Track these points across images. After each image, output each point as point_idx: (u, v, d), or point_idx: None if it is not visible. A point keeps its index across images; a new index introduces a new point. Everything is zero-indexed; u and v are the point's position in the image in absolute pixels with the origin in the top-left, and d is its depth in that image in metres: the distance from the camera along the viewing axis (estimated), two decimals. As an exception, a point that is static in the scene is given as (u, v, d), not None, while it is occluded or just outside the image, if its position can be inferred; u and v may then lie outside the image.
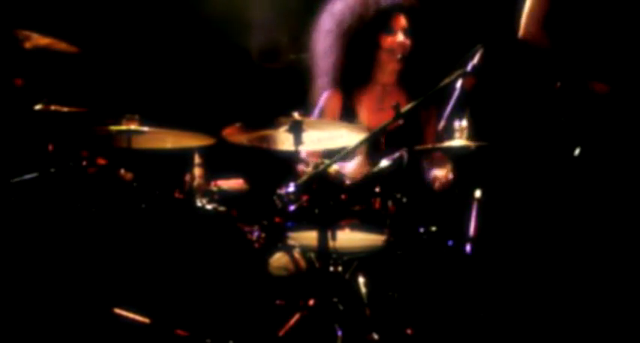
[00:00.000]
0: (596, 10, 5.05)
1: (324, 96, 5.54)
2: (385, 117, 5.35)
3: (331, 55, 5.51)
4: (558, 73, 5.12)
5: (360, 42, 5.44)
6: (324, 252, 4.57)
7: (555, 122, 5.14)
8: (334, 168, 4.67)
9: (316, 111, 5.51)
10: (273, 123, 4.74)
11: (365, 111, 5.52)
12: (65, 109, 5.06)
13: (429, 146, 5.29)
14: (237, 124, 4.79)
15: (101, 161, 4.97)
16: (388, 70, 5.50)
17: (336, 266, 4.74)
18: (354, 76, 5.51)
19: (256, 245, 4.79)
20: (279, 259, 4.85)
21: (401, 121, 4.61)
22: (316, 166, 4.65)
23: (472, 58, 4.63)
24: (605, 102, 5.03)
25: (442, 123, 4.81)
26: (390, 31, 5.45)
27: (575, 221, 5.08)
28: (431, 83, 5.36)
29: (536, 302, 5.20)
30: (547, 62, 5.13)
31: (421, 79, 5.47)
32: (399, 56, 5.43)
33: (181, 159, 5.11)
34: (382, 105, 5.52)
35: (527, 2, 5.16)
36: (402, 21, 5.46)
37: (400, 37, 5.45)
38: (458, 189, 5.10)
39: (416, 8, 5.47)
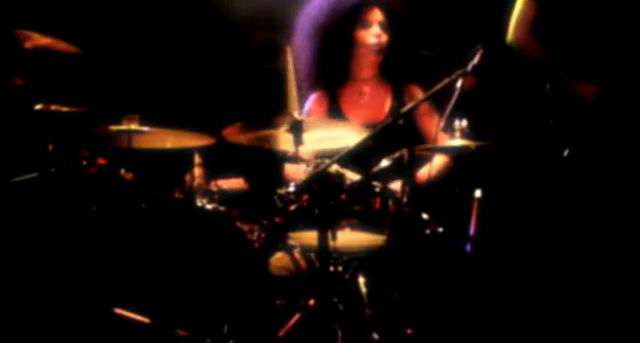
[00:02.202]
0: (585, 16, 5.07)
1: (310, 100, 5.53)
2: (370, 113, 5.38)
3: (309, 53, 5.50)
4: (547, 76, 5.13)
5: (335, 38, 5.44)
6: (324, 252, 4.57)
7: (544, 124, 5.15)
8: (334, 168, 4.67)
9: (303, 114, 5.45)
10: (273, 123, 4.74)
11: (350, 108, 5.51)
12: (65, 109, 5.06)
13: (430, 146, 5.30)
14: (238, 124, 4.79)
15: (101, 161, 4.97)
16: (366, 65, 5.49)
17: (336, 266, 4.74)
18: (333, 73, 5.50)
19: (256, 245, 4.79)
20: (279, 259, 4.85)
21: (401, 121, 4.61)
22: (316, 166, 4.66)
23: (472, 58, 4.63)
24: (593, 105, 5.04)
25: (442, 123, 4.80)
26: (365, 26, 5.44)
27: (573, 221, 5.09)
28: (413, 75, 5.41)
29: (536, 302, 5.20)
30: (536, 65, 5.14)
31: (402, 72, 5.48)
32: (375, 50, 5.43)
33: (181, 159, 5.11)
34: (365, 100, 5.53)
35: (516, 8, 5.17)
36: (377, 14, 5.44)
37: (375, 30, 5.43)
38: (458, 189, 5.10)
39: (389, 2, 5.47)
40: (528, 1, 5.14)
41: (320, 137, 4.86)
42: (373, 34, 5.42)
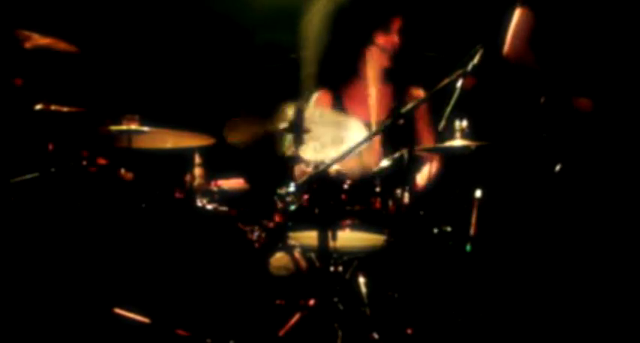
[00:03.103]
0: (584, 28, 5.06)
1: (314, 97, 5.54)
2: (375, 113, 5.39)
3: (322, 45, 5.50)
4: (543, 88, 5.12)
5: (354, 35, 5.44)
6: (324, 252, 4.57)
7: (538, 137, 5.14)
8: (334, 168, 4.67)
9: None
10: (274, 122, 4.75)
11: (355, 107, 5.51)
12: (65, 109, 5.06)
13: (429, 146, 5.31)
14: (238, 120, 4.80)
15: (101, 161, 4.97)
16: (376, 66, 5.50)
17: (336, 266, 4.74)
18: (342, 70, 5.50)
19: (256, 245, 4.79)
20: (279, 259, 4.85)
21: (401, 121, 4.61)
22: (316, 166, 4.66)
23: (472, 58, 4.64)
24: (588, 119, 5.04)
25: (442, 124, 4.81)
26: (386, 31, 5.46)
27: (572, 221, 5.09)
28: (415, 78, 5.43)
29: (536, 302, 5.20)
30: (532, 77, 5.14)
31: (406, 76, 5.50)
32: (389, 54, 5.44)
33: (181, 159, 5.11)
34: (370, 100, 5.53)
35: (513, 20, 5.16)
36: (400, 22, 5.47)
37: (394, 37, 5.46)
38: (458, 189, 5.10)
39: (412, 11, 5.50)
40: (526, 13, 5.12)
41: (323, 142, 4.86)
42: (391, 40, 5.45)
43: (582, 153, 5.05)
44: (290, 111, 4.72)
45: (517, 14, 5.16)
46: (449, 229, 4.85)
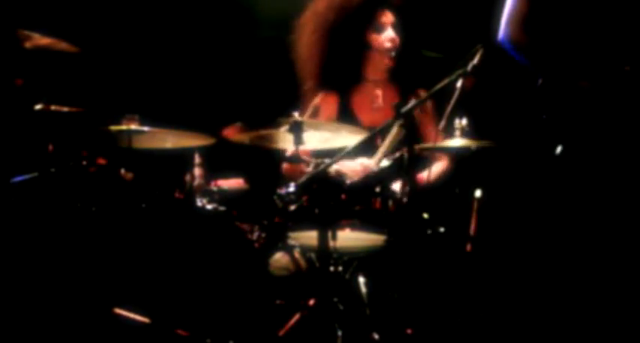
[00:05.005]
0: (577, 11, 5.06)
1: (318, 98, 5.50)
2: (382, 116, 5.37)
3: (318, 56, 5.47)
4: (540, 71, 5.12)
5: (348, 41, 5.41)
6: (324, 252, 4.57)
7: (537, 120, 5.14)
8: (334, 168, 4.67)
9: (308, 113, 5.42)
10: (274, 123, 4.74)
11: (362, 110, 5.50)
12: (65, 109, 5.06)
13: (430, 145, 5.30)
14: (238, 124, 4.80)
15: (101, 161, 4.97)
16: (379, 68, 5.47)
17: (336, 266, 4.74)
18: (345, 75, 5.47)
19: (256, 245, 4.79)
20: (279, 259, 4.85)
21: (401, 121, 4.60)
22: (316, 166, 4.66)
23: (472, 58, 4.63)
24: (587, 100, 5.03)
25: (442, 123, 4.81)
26: (378, 29, 5.42)
27: (573, 220, 5.09)
28: (421, 78, 5.40)
29: (536, 302, 5.20)
30: (528, 61, 5.13)
31: (411, 74, 5.48)
32: (391, 53, 5.41)
33: (181, 159, 5.11)
34: (377, 102, 5.51)
35: (507, 5, 5.16)
36: (389, 16, 5.43)
37: (390, 33, 5.42)
38: (458, 189, 5.10)
39: (401, 4, 5.46)
40: None
41: (326, 137, 4.86)
42: (388, 38, 5.39)
43: (582, 134, 5.04)
44: (287, 121, 4.72)
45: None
46: (442, 229, 4.85)
